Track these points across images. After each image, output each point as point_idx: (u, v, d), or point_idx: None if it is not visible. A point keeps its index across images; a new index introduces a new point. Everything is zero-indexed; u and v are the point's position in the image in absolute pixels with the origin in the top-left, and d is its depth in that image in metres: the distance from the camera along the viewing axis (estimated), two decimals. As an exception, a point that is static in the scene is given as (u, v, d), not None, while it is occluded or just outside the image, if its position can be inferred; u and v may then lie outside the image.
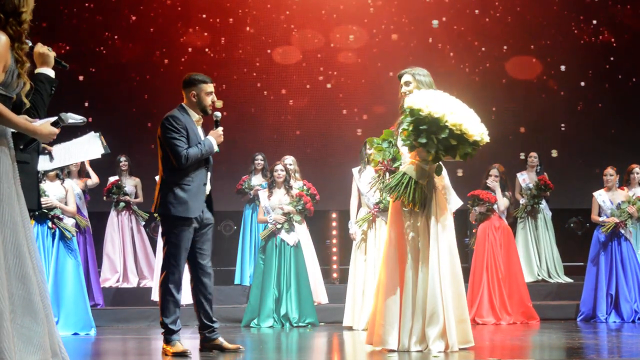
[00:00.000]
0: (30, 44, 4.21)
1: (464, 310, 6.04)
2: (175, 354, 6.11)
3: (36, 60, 4.40)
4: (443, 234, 6.04)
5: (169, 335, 6.19)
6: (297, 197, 9.52)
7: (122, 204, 11.30)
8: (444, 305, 5.91)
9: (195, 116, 6.30)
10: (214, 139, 6.30)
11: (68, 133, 4.78)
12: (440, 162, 6.06)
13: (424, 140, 5.86)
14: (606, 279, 9.61)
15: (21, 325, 3.91)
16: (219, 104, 6.36)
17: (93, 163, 10.61)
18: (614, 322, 9.39)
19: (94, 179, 10.86)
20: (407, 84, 6.27)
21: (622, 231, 9.61)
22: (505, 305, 9.49)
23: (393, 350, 5.94)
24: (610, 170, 9.79)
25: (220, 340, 6.35)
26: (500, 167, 9.94)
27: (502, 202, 9.80)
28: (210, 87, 6.32)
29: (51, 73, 4.41)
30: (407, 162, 6.18)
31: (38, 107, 4.28)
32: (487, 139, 5.96)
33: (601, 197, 9.75)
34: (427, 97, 5.92)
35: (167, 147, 6.11)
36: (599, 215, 9.77)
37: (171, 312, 6.21)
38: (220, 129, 6.40)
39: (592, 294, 9.67)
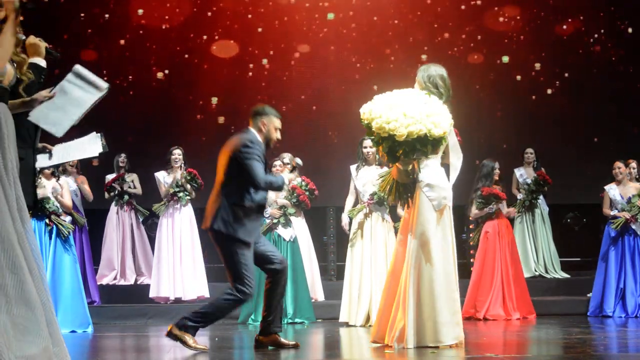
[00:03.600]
0: (23, 37, 4.30)
1: (436, 309, 5.93)
2: (197, 348, 6.15)
3: (28, 51, 4.52)
4: (416, 233, 6.04)
5: (194, 330, 6.21)
6: (291, 189, 9.54)
7: (126, 197, 11.30)
8: (406, 304, 5.96)
9: (262, 144, 6.39)
10: (286, 179, 6.48)
11: (70, 133, 4.85)
12: (407, 159, 6.09)
13: (386, 150, 6.03)
14: (616, 273, 9.63)
15: (17, 315, 3.91)
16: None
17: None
18: (620, 317, 9.42)
19: (89, 197, 10.84)
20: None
21: (634, 227, 9.61)
22: (513, 301, 9.53)
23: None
24: (619, 164, 9.78)
25: (279, 335, 6.42)
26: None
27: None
28: (280, 123, 6.47)
29: (42, 63, 4.56)
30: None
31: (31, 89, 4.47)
32: (436, 132, 5.96)
33: (612, 190, 9.75)
34: (375, 101, 6.03)
35: (248, 168, 6.17)
36: (610, 209, 9.78)
37: (219, 318, 6.31)
38: (294, 174, 6.55)
39: (601, 288, 9.69)
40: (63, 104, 4.65)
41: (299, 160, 6.98)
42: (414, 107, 5.93)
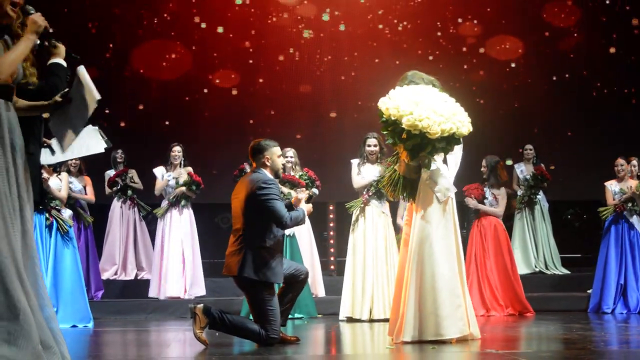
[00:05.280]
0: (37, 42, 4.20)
1: (436, 303, 5.96)
2: (199, 339, 6.18)
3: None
4: (417, 226, 6.06)
5: (213, 324, 6.23)
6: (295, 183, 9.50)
7: (129, 192, 11.32)
8: (404, 297, 6.01)
9: (274, 180, 6.41)
10: (305, 211, 6.50)
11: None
12: (429, 155, 6.08)
13: (390, 141, 6.04)
14: (616, 270, 9.63)
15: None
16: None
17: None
18: (621, 313, 9.42)
19: (91, 199, 10.83)
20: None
21: (626, 214, 9.61)
22: (496, 298, 9.52)
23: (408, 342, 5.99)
24: (620, 161, 9.79)
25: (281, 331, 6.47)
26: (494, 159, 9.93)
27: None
28: (279, 149, 6.54)
29: (64, 63, 4.42)
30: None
31: (58, 87, 4.33)
32: (463, 131, 5.96)
33: (612, 187, 9.77)
34: (396, 97, 5.97)
35: (272, 211, 6.19)
36: None
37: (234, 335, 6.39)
38: (310, 205, 6.70)
39: (600, 285, 9.71)
40: (69, 116, 4.44)
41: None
42: (441, 104, 5.92)
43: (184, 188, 10.43)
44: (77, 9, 12.59)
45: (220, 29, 12.81)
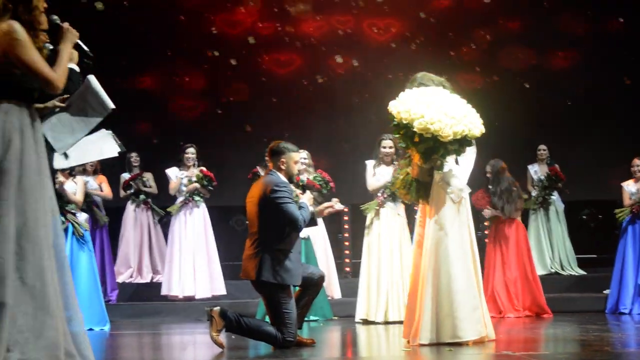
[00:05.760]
0: (50, 47, 4.23)
1: (453, 305, 5.94)
2: (216, 342, 6.18)
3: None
4: (432, 228, 6.05)
5: (230, 327, 6.24)
6: (309, 185, 9.49)
7: (142, 196, 11.34)
8: (420, 299, 6.00)
9: (287, 183, 6.43)
10: (307, 202, 6.48)
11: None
12: (442, 157, 6.06)
13: (403, 145, 6.05)
14: (634, 270, 9.58)
15: (34, 317, 3.92)
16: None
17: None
18: (639, 313, 9.35)
19: (108, 195, 10.88)
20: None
21: None
22: (511, 299, 9.48)
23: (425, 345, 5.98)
24: (637, 161, 9.73)
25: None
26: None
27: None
28: (298, 155, 6.55)
29: (76, 68, 4.43)
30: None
31: (70, 92, 4.40)
32: (475, 132, 5.94)
33: (629, 187, 9.72)
34: (407, 99, 5.94)
35: (284, 213, 6.19)
36: None
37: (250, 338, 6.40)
38: (308, 192, 6.75)
39: (617, 285, 9.66)
40: (69, 120, 4.49)
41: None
42: (452, 106, 5.89)
43: (197, 184, 10.44)
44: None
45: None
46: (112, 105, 4.50)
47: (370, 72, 12.91)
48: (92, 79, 4.48)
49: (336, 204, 6.72)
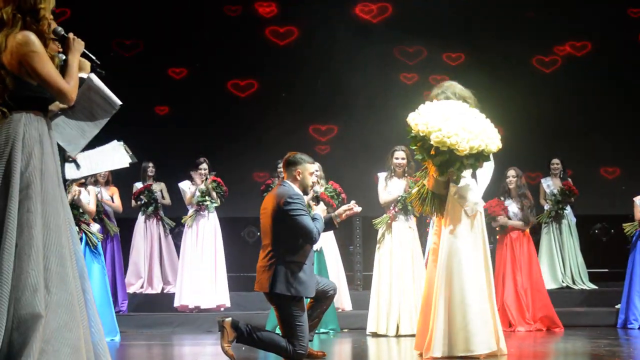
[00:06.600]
0: (63, 57, 4.24)
1: (466, 318, 5.94)
2: (226, 354, 6.16)
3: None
4: (446, 241, 6.06)
5: (241, 338, 6.23)
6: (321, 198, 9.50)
7: (151, 208, 11.37)
8: (433, 312, 5.99)
9: (301, 194, 6.43)
10: (321, 214, 6.48)
11: (90, 141, 4.79)
12: (459, 171, 6.06)
13: (419, 157, 6.06)
14: None
15: (61, 327, 3.92)
16: None
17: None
18: (647, 327, 9.34)
19: (118, 207, 10.92)
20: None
21: None
22: (523, 313, 9.43)
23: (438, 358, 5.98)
24: None
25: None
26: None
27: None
28: (313, 167, 6.55)
29: (85, 76, 4.42)
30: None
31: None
32: (492, 147, 5.94)
33: None
34: (426, 112, 5.96)
35: (299, 225, 6.18)
36: None
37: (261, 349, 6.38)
38: (322, 204, 6.75)
39: (626, 299, 9.62)
40: (78, 122, 4.47)
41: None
42: (470, 121, 5.89)
43: (210, 185, 10.48)
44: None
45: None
46: (118, 101, 4.50)
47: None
48: (94, 77, 4.47)
49: (355, 207, 6.69)
